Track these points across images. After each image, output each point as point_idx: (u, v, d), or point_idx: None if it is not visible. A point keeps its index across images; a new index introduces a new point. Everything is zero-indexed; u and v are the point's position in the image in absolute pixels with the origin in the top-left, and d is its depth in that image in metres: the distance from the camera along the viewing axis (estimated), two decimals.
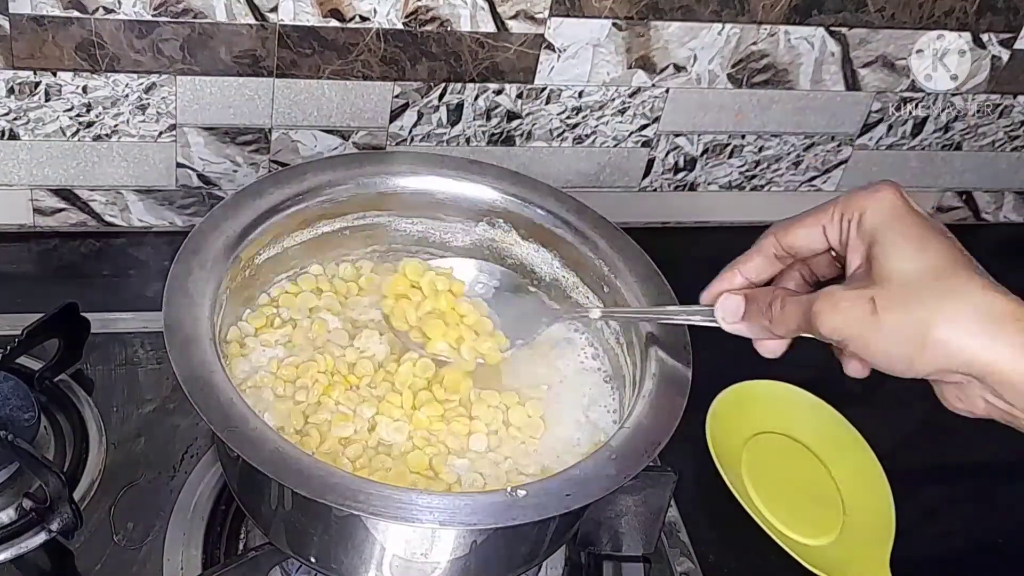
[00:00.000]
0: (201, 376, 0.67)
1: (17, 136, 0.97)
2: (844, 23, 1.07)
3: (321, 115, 1.02)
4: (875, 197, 0.61)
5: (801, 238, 0.65)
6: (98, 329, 0.92)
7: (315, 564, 0.72)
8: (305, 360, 0.77)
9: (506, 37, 1.00)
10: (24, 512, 0.80)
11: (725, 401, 0.96)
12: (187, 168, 1.03)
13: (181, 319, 0.70)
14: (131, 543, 0.81)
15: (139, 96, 0.97)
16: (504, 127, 1.07)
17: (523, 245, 0.85)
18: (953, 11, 1.08)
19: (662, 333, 0.76)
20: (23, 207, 1.02)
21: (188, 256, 0.74)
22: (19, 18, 0.90)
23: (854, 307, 0.58)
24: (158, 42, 0.94)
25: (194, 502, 0.84)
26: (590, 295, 0.83)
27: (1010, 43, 1.13)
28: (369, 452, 0.73)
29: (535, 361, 0.81)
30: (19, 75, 0.94)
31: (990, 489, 1.00)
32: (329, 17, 0.96)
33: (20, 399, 0.83)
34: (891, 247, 0.59)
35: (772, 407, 0.99)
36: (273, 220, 0.79)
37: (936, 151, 1.21)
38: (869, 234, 0.60)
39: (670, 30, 1.04)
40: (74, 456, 0.85)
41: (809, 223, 0.64)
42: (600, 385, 0.81)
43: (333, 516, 0.69)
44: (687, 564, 0.87)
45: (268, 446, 0.64)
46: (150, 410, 0.90)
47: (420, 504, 0.63)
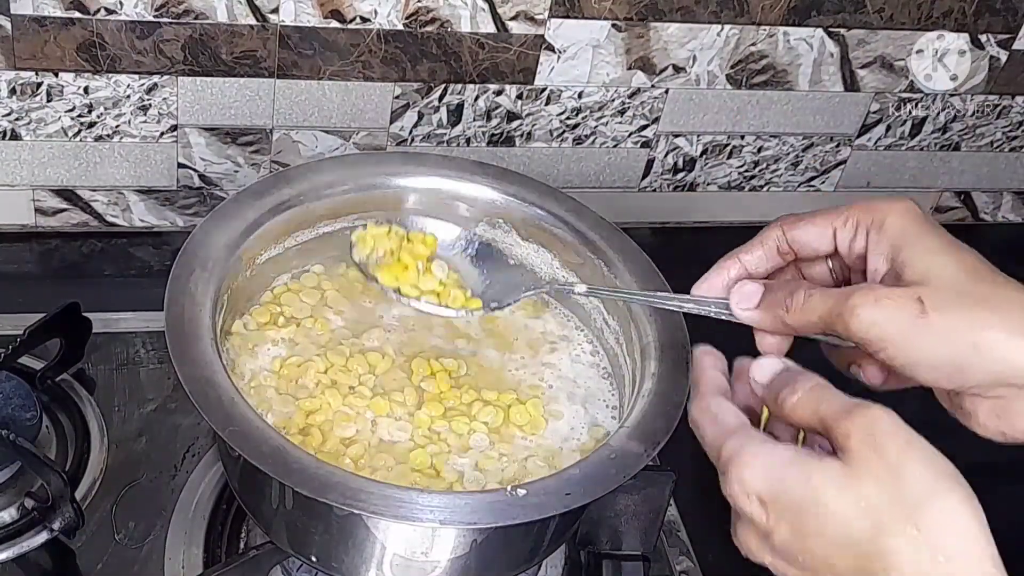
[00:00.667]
0: (202, 376, 0.67)
1: (19, 136, 0.97)
2: (843, 24, 1.08)
3: (322, 116, 1.02)
4: (895, 206, 0.59)
5: (809, 235, 0.62)
6: (100, 329, 0.92)
7: (316, 563, 0.72)
8: (307, 359, 0.78)
9: (506, 38, 1.01)
10: (26, 511, 0.80)
11: None
12: (188, 168, 1.03)
13: (182, 319, 0.70)
14: (133, 542, 0.81)
15: (140, 97, 0.97)
16: (504, 128, 1.07)
17: (523, 245, 0.85)
18: (951, 12, 1.09)
19: (662, 333, 0.76)
20: (25, 207, 1.02)
21: (189, 256, 0.74)
22: (21, 19, 0.91)
23: (900, 305, 0.54)
24: (159, 43, 0.94)
25: (195, 501, 0.84)
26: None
27: (1008, 44, 1.13)
28: (371, 451, 0.73)
29: (535, 360, 0.82)
30: (21, 75, 0.94)
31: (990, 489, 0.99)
32: (330, 18, 0.96)
33: (22, 399, 0.83)
34: (925, 251, 0.57)
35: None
36: (274, 220, 0.79)
37: (935, 151, 1.21)
38: (895, 239, 0.58)
39: (669, 31, 1.04)
40: (76, 455, 0.85)
41: (819, 222, 0.62)
42: (600, 382, 0.81)
43: (334, 515, 0.69)
44: (686, 563, 0.88)
45: (269, 445, 0.65)
46: (151, 409, 0.90)
47: (420, 503, 0.63)
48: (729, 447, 0.55)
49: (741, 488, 0.54)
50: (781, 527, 0.53)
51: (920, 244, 0.57)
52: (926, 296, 0.54)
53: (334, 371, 0.77)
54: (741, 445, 0.55)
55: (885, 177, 1.22)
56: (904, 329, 0.54)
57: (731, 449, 0.55)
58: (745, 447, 0.55)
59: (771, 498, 0.53)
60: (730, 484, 0.55)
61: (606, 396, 0.80)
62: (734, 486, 0.54)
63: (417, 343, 0.81)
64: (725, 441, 0.56)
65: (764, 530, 0.54)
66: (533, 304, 0.85)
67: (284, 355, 0.78)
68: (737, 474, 0.54)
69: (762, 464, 0.54)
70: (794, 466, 0.53)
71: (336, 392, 0.76)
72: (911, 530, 0.50)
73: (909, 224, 0.58)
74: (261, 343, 0.79)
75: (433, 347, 0.81)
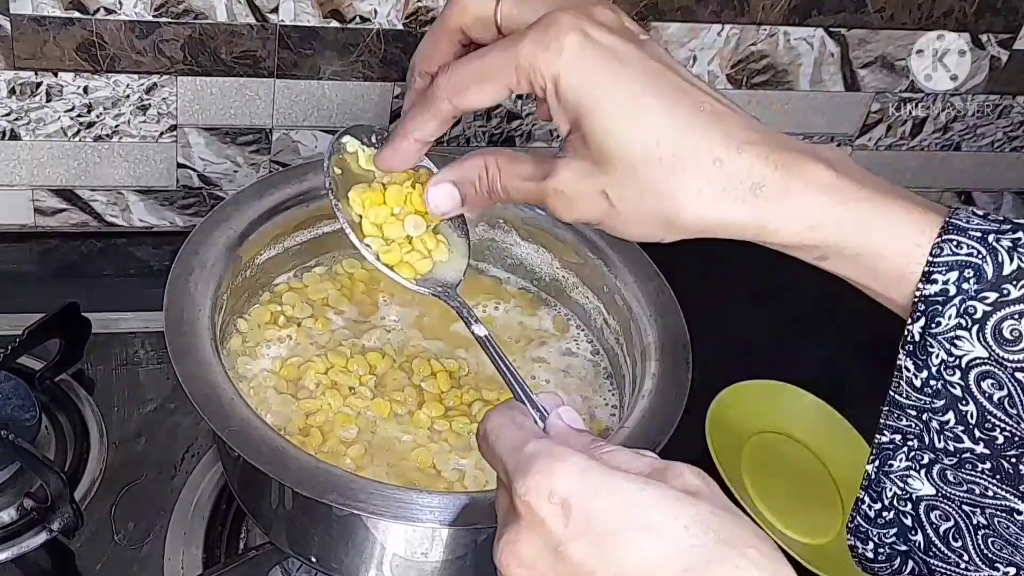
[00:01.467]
0: (202, 376, 0.67)
1: (18, 136, 0.97)
2: (843, 24, 1.07)
3: (321, 115, 1.02)
4: (562, 57, 0.52)
5: (482, 102, 0.56)
6: (99, 329, 0.92)
7: (315, 563, 0.72)
8: (307, 360, 0.77)
9: None
10: (25, 512, 0.80)
11: (725, 401, 0.96)
12: (188, 168, 1.03)
13: (182, 319, 0.70)
14: (132, 542, 0.81)
15: (140, 96, 0.97)
16: (504, 127, 1.07)
17: (523, 245, 0.85)
18: (952, 12, 1.09)
19: (662, 333, 0.76)
20: (24, 207, 1.02)
21: (189, 256, 0.74)
22: (20, 18, 0.91)
23: (590, 204, 0.53)
24: (159, 42, 0.94)
25: (195, 501, 0.84)
26: (590, 295, 0.83)
27: (1009, 43, 1.13)
28: (371, 452, 0.73)
29: (535, 358, 0.82)
30: (20, 75, 0.94)
31: None
32: (329, 18, 0.96)
33: (21, 399, 0.83)
34: (603, 122, 0.52)
35: (772, 407, 0.99)
36: (274, 220, 0.79)
37: (935, 151, 1.21)
38: (573, 105, 0.52)
39: (670, 31, 1.04)
40: (75, 456, 0.85)
41: (489, 88, 0.55)
42: (600, 380, 0.81)
43: (333, 516, 0.69)
44: None
45: (269, 446, 0.65)
46: (151, 410, 0.90)
47: (420, 504, 0.63)
48: (540, 444, 0.49)
49: (545, 485, 0.47)
50: (583, 539, 0.46)
51: (599, 114, 0.52)
52: (609, 188, 0.53)
53: (334, 372, 0.77)
54: (554, 445, 0.49)
55: (885, 177, 1.21)
56: (602, 219, 0.54)
57: (542, 446, 0.49)
58: (558, 447, 0.49)
59: (579, 505, 0.46)
60: (529, 481, 0.47)
61: (606, 395, 0.80)
62: (535, 482, 0.47)
63: (417, 343, 0.81)
64: (531, 439, 0.50)
65: (556, 539, 0.46)
66: (529, 301, 0.85)
67: (284, 355, 0.78)
68: (546, 469, 0.47)
69: (579, 467, 0.47)
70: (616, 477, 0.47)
71: (336, 393, 0.76)
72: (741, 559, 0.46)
73: (582, 83, 0.52)
74: (261, 343, 0.79)
75: (433, 348, 0.81)
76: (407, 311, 0.83)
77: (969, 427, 0.52)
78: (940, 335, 0.51)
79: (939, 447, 0.53)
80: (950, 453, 0.53)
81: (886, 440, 0.55)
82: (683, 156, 0.51)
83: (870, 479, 0.56)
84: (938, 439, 0.53)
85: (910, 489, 0.55)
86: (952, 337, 0.51)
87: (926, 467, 0.54)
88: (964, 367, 0.51)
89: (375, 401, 0.76)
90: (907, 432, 0.54)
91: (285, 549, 0.74)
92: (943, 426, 0.53)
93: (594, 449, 0.50)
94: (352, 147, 0.65)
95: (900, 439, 0.54)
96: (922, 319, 0.51)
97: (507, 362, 0.58)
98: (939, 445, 0.53)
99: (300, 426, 0.74)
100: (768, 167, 0.52)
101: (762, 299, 1.06)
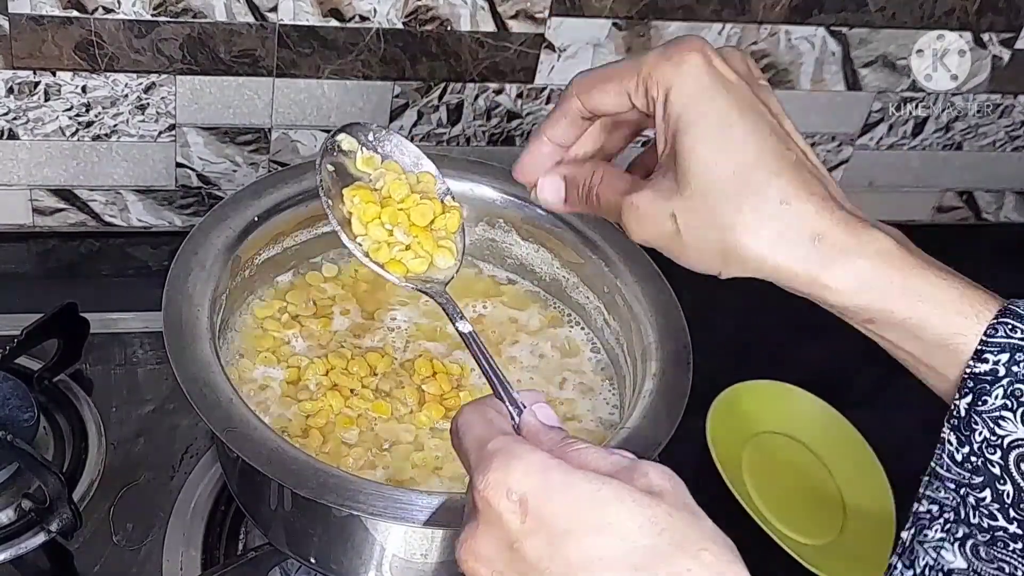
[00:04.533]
0: (201, 376, 0.67)
1: (16, 136, 0.97)
2: (845, 23, 1.07)
3: (321, 115, 1.02)
4: (680, 70, 0.54)
5: (606, 102, 0.58)
6: (97, 329, 0.92)
7: (315, 564, 0.72)
8: (308, 361, 0.77)
9: (506, 37, 1.00)
10: (23, 512, 0.80)
11: (725, 401, 0.96)
12: (186, 168, 1.03)
13: (181, 319, 0.70)
14: (130, 543, 0.81)
15: (138, 96, 0.97)
16: (504, 127, 1.07)
17: (523, 245, 0.85)
18: (954, 11, 1.08)
19: (663, 333, 0.76)
20: (22, 207, 1.02)
21: (188, 256, 0.74)
22: (18, 18, 0.90)
23: (658, 224, 0.55)
24: (157, 42, 0.94)
25: (193, 502, 0.84)
26: (590, 295, 0.83)
27: (1011, 43, 1.13)
28: (372, 452, 0.73)
29: (535, 358, 0.81)
30: (18, 75, 0.94)
31: None
32: (329, 17, 0.96)
33: (19, 399, 0.83)
34: (694, 141, 0.54)
35: (772, 407, 0.99)
36: (273, 220, 0.79)
37: (937, 151, 1.21)
38: (674, 119, 0.54)
39: (670, 30, 1.04)
40: (73, 456, 0.85)
41: (612, 89, 0.57)
42: (600, 380, 0.81)
43: (333, 516, 0.68)
44: None
45: (267, 446, 0.64)
46: (149, 410, 0.90)
47: (420, 505, 0.63)
48: (502, 440, 0.49)
49: (503, 482, 0.47)
50: (538, 536, 0.46)
51: (693, 132, 0.54)
52: (679, 213, 0.54)
53: (335, 373, 0.77)
54: (516, 442, 0.49)
55: (887, 176, 1.21)
56: (666, 244, 0.56)
57: (504, 442, 0.49)
58: (519, 444, 0.49)
59: (536, 502, 0.46)
60: (488, 476, 0.47)
61: (607, 394, 0.80)
62: (493, 478, 0.47)
63: (418, 344, 0.81)
64: (497, 436, 0.50)
65: (512, 536, 0.47)
66: (519, 296, 0.85)
67: (285, 356, 0.78)
68: (504, 466, 0.47)
69: (538, 464, 0.47)
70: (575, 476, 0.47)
71: (337, 394, 0.75)
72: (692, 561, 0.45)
73: (692, 98, 0.54)
74: (261, 343, 0.79)
75: (434, 349, 0.81)
76: (411, 311, 0.83)
77: (1004, 506, 0.53)
78: (985, 413, 0.52)
79: (974, 523, 0.54)
80: (984, 530, 0.54)
81: (923, 510, 0.56)
82: (753, 189, 0.53)
83: (904, 546, 0.57)
84: (973, 515, 0.54)
85: (943, 561, 0.55)
86: (997, 417, 0.52)
87: (960, 540, 0.55)
88: (1005, 447, 0.52)
89: (376, 403, 0.75)
90: (944, 504, 0.55)
91: (284, 550, 0.73)
92: (979, 502, 0.54)
93: (564, 447, 0.50)
94: (348, 145, 0.66)
95: (937, 510, 0.55)
96: (969, 395, 0.53)
97: (489, 359, 0.57)
98: (974, 521, 0.54)
99: (301, 427, 0.73)
100: (832, 221, 0.53)
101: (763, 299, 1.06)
